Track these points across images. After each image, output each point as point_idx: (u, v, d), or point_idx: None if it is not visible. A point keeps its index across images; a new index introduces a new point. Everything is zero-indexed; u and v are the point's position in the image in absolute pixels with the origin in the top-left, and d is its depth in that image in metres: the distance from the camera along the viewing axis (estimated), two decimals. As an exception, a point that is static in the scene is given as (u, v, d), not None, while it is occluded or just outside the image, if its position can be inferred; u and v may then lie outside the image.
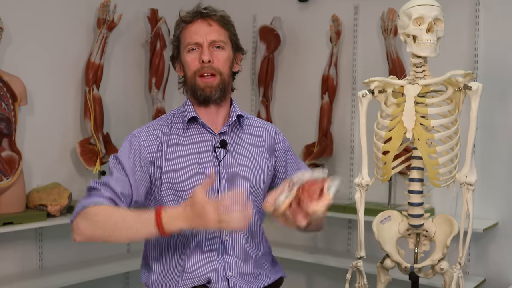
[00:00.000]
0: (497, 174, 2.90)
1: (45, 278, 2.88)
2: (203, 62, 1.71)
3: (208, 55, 1.71)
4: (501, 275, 2.90)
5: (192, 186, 1.68)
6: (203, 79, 1.72)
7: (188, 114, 1.76)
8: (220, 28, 1.75)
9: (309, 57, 3.52)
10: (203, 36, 1.72)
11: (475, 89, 2.07)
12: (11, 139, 2.76)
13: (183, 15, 1.77)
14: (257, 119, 1.91)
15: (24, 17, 2.95)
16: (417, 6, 2.10)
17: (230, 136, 1.78)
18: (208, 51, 1.72)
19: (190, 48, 1.74)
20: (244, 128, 1.83)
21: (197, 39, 1.73)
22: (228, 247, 1.71)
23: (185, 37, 1.75)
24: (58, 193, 2.90)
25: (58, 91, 3.13)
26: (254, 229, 1.78)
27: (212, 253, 1.70)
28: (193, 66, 1.73)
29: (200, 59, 1.72)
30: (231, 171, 1.73)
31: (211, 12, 1.75)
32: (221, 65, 1.74)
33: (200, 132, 1.77)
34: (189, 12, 1.76)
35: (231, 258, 1.71)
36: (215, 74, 1.73)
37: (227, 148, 1.74)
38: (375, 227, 2.24)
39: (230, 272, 1.70)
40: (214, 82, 1.73)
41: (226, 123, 1.78)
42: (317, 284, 3.50)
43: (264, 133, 1.86)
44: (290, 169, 1.88)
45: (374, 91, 2.25)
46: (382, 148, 2.19)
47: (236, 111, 1.80)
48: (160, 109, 3.44)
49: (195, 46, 1.73)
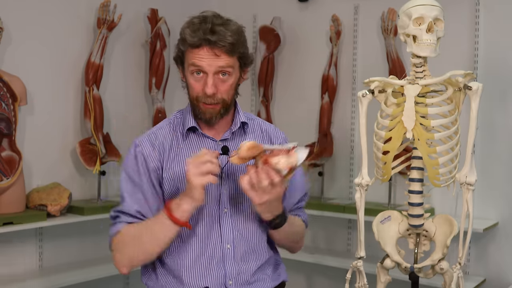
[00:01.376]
0: (497, 174, 2.90)
1: (45, 278, 2.88)
2: (206, 94, 1.65)
3: (212, 88, 1.63)
4: (501, 275, 2.90)
5: None
6: (206, 106, 1.67)
7: (188, 123, 1.72)
8: (228, 58, 1.63)
9: (309, 57, 3.52)
10: (209, 65, 1.63)
11: (475, 89, 2.07)
12: (11, 139, 2.76)
13: (188, 34, 1.63)
14: (262, 121, 1.86)
15: (24, 17, 2.95)
16: (417, 6, 2.10)
17: (233, 143, 1.74)
18: (213, 82, 1.63)
19: (194, 71, 1.65)
20: (248, 133, 1.79)
21: (202, 67, 1.63)
22: (229, 255, 1.69)
23: (189, 60, 1.66)
24: (58, 193, 2.90)
25: (58, 91, 3.13)
26: (256, 237, 1.75)
27: (213, 261, 1.68)
28: (196, 92, 1.67)
29: (203, 89, 1.64)
30: (233, 178, 1.71)
31: (219, 41, 1.60)
32: (225, 94, 1.67)
33: (201, 139, 1.73)
34: (195, 33, 1.61)
35: (232, 267, 1.69)
36: (218, 103, 1.67)
37: (229, 155, 1.70)
38: (375, 227, 2.24)
39: (230, 281, 1.68)
40: (216, 109, 1.68)
41: (229, 129, 1.75)
42: (317, 284, 3.50)
43: (267, 134, 1.83)
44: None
45: (374, 91, 2.25)
46: (382, 148, 2.19)
47: (241, 118, 1.75)
48: (160, 109, 3.44)
49: (199, 71, 1.64)
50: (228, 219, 1.70)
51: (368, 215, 2.35)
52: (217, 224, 1.69)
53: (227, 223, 1.70)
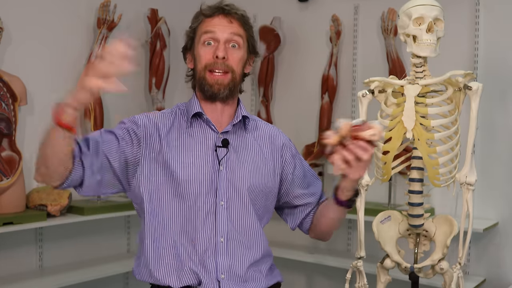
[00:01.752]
0: (497, 174, 2.90)
1: (45, 278, 2.88)
2: (217, 57, 1.68)
3: (223, 52, 1.68)
4: (501, 275, 2.90)
5: (190, 182, 1.66)
6: (213, 76, 1.69)
7: (194, 109, 1.73)
8: (240, 27, 1.73)
9: (309, 57, 3.52)
10: (222, 31, 1.70)
11: (475, 89, 2.07)
12: (11, 139, 2.76)
13: (204, 8, 1.74)
14: (264, 123, 1.87)
15: (24, 16, 2.95)
16: (417, 6, 2.10)
17: (233, 136, 1.75)
18: (224, 48, 1.69)
19: (206, 42, 1.71)
20: (249, 130, 1.79)
21: (215, 34, 1.70)
22: (222, 249, 1.68)
23: (202, 30, 1.72)
24: (58, 193, 2.90)
25: (58, 91, 3.12)
26: (252, 232, 1.74)
27: (206, 254, 1.67)
28: (206, 59, 1.70)
29: (214, 54, 1.68)
30: (231, 171, 1.70)
31: (233, 10, 1.73)
32: (235, 64, 1.71)
33: (203, 129, 1.73)
34: (211, 7, 1.73)
35: (225, 260, 1.68)
36: (227, 71, 1.70)
37: (228, 148, 1.72)
38: (375, 227, 2.24)
39: (222, 274, 1.67)
40: (225, 80, 1.70)
41: (230, 122, 1.75)
42: (317, 284, 3.50)
43: (270, 138, 1.82)
44: (297, 173, 1.84)
45: (374, 91, 2.25)
46: (382, 148, 2.19)
47: (242, 112, 1.77)
48: (160, 109, 3.44)
49: (211, 40, 1.70)
50: (224, 212, 1.68)
51: (368, 215, 2.35)
52: (213, 216, 1.68)
53: (222, 216, 1.68)
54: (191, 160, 1.69)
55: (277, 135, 1.85)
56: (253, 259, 1.74)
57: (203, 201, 1.67)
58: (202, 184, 1.67)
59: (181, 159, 1.68)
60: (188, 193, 1.66)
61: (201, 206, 1.67)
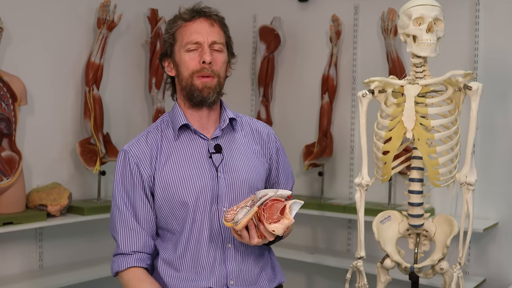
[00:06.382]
0: (497, 174, 2.90)
1: (45, 278, 2.87)
2: (204, 62, 1.67)
3: (210, 56, 1.67)
4: (501, 275, 2.90)
5: (190, 194, 1.66)
6: (202, 79, 1.68)
7: (179, 121, 1.72)
8: (221, 30, 1.72)
9: (309, 57, 3.52)
10: (205, 35, 1.68)
11: (475, 89, 2.07)
12: (11, 139, 2.76)
13: (182, 12, 1.72)
14: (249, 118, 1.88)
15: (24, 16, 2.95)
16: (417, 6, 2.10)
17: (224, 140, 1.75)
18: (209, 52, 1.68)
19: (189, 48, 1.69)
20: (237, 130, 1.80)
21: (198, 38, 1.68)
22: (230, 255, 1.69)
23: (183, 35, 1.69)
24: (58, 193, 2.90)
25: (58, 91, 3.13)
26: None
27: (215, 261, 1.68)
28: (192, 66, 1.68)
29: (200, 59, 1.67)
30: (230, 175, 1.70)
31: (213, 13, 1.72)
32: (219, 68, 1.70)
33: (192, 139, 1.73)
34: (189, 10, 1.71)
35: (233, 266, 1.69)
36: (213, 76, 1.69)
37: (222, 153, 1.71)
38: (375, 227, 2.24)
39: (231, 280, 1.68)
40: (212, 83, 1.69)
41: (218, 127, 1.75)
42: (317, 284, 3.50)
43: (257, 132, 1.84)
44: (281, 169, 1.87)
45: (374, 91, 2.25)
46: (382, 148, 2.19)
47: (228, 114, 1.77)
48: (160, 109, 3.43)
49: (195, 46, 1.68)
50: None
51: (368, 215, 2.35)
52: (217, 223, 1.69)
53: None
54: (187, 172, 1.69)
55: (263, 129, 1.86)
56: (261, 263, 1.76)
57: (208, 209, 1.68)
58: (203, 193, 1.67)
59: (177, 174, 1.68)
60: (191, 204, 1.67)
61: (205, 216, 1.68)
